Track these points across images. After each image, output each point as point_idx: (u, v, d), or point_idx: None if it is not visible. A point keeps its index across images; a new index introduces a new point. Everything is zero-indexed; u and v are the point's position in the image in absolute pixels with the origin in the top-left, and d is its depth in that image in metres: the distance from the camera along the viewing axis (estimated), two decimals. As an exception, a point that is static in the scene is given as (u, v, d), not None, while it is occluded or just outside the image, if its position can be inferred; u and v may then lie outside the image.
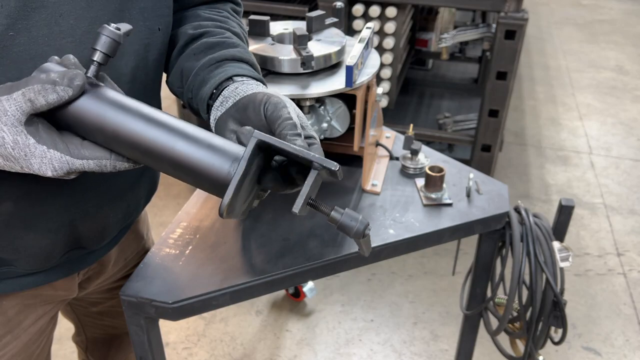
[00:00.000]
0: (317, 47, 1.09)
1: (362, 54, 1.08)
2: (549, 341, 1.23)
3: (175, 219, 1.07)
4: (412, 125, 1.34)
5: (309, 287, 2.18)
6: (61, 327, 1.46)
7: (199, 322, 2.15)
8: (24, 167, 0.61)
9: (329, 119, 1.15)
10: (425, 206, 1.14)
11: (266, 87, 0.79)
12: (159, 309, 0.90)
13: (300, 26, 1.13)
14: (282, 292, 2.27)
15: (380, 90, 1.20)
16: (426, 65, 3.39)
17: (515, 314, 1.21)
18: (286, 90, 1.05)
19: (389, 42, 2.35)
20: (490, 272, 1.25)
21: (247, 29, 1.04)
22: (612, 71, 4.34)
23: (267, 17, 1.13)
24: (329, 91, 1.04)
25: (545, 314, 1.16)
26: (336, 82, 1.06)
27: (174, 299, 0.90)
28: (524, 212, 1.16)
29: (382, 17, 2.31)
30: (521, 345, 1.27)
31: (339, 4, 1.22)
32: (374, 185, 1.18)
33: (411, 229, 1.08)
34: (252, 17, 1.14)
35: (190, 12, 0.90)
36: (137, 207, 0.97)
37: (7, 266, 0.79)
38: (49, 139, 0.61)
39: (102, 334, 1.23)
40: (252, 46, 1.10)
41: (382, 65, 2.42)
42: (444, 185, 1.17)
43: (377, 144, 1.29)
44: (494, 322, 1.27)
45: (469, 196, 1.16)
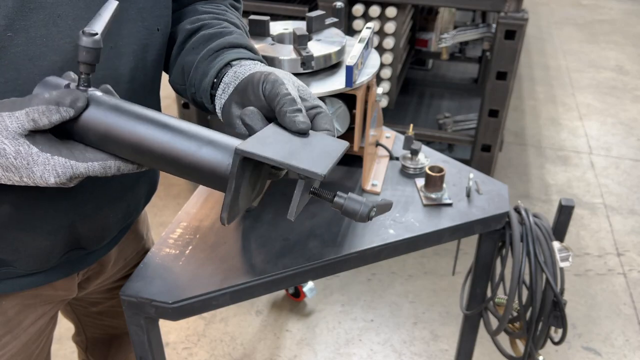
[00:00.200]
0: (317, 47, 1.09)
1: (362, 54, 1.08)
2: (549, 341, 1.23)
3: (175, 219, 1.07)
4: (412, 125, 1.34)
5: (309, 287, 2.18)
6: (61, 327, 1.46)
7: (199, 322, 2.15)
8: (24, 176, 0.61)
9: (329, 119, 1.15)
10: (425, 206, 1.14)
11: (265, 64, 0.78)
12: (159, 309, 0.90)
13: (300, 26, 1.13)
14: (282, 292, 2.27)
15: (380, 90, 1.20)
16: (426, 65, 3.39)
17: (515, 314, 1.21)
18: (286, 90, 1.04)
19: (389, 42, 2.35)
20: (490, 272, 1.25)
21: (247, 29, 1.03)
22: (612, 71, 4.34)
23: (267, 17, 1.13)
24: (329, 91, 1.04)
25: (545, 314, 1.16)
26: (336, 82, 1.06)
27: (174, 299, 0.90)
28: (524, 212, 1.16)
29: (382, 17, 2.31)
30: (521, 345, 1.27)
31: (339, 4, 1.22)
32: (374, 185, 1.18)
33: (411, 229, 1.08)
34: (252, 17, 1.14)
35: (188, 8, 0.90)
36: (137, 207, 0.97)
37: (7, 267, 0.79)
38: (51, 147, 0.61)
39: (102, 334, 1.23)
40: (252, 46, 1.10)
41: (382, 65, 2.42)
42: (444, 185, 1.17)
43: (377, 144, 1.29)
44: (494, 322, 1.27)
45: (469, 196, 1.16)
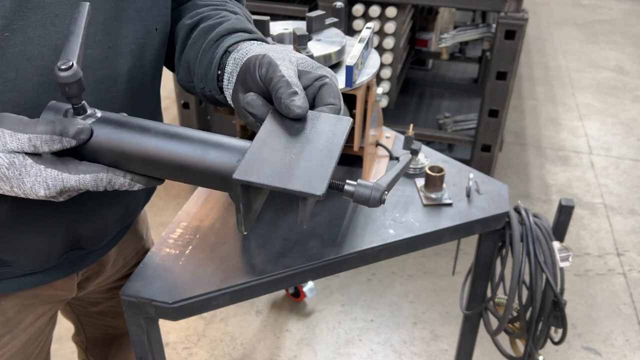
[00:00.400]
0: (317, 47, 1.09)
1: (362, 54, 1.08)
2: (549, 341, 1.23)
3: (175, 219, 1.07)
4: (412, 125, 1.34)
5: (309, 287, 2.18)
6: (61, 327, 1.46)
7: (199, 322, 2.15)
8: (14, 187, 0.61)
9: (329, 119, 1.15)
10: (425, 206, 1.14)
11: (264, 42, 0.77)
12: (159, 309, 0.90)
13: (300, 26, 1.13)
14: (282, 292, 2.26)
15: (380, 90, 1.20)
16: (426, 65, 3.39)
17: (515, 314, 1.21)
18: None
19: (389, 42, 2.35)
20: (490, 272, 1.25)
21: (251, 18, 1.03)
22: (612, 71, 4.34)
23: (267, 17, 1.13)
24: (329, 91, 1.04)
25: (545, 314, 1.15)
26: (336, 82, 1.06)
27: (174, 299, 0.90)
28: (524, 212, 1.15)
29: (382, 17, 2.31)
30: (521, 345, 1.27)
31: (339, 4, 1.22)
32: (374, 185, 1.18)
33: (411, 229, 1.07)
34: (252, 17, 1.14)
35: (187, 4, 0.90)
36: (136, 208, 0.97)
37: (6, 267, 0.79)
38: (46, 160, 0.61)
39: (102, 334, 1.23)
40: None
41: (382, 65, 2.42)
42: (444, 185, 1.17)
43: (377, 144, 1.29)
44: (494, 322, 1.27)
45: (469, 196, 1.16)
